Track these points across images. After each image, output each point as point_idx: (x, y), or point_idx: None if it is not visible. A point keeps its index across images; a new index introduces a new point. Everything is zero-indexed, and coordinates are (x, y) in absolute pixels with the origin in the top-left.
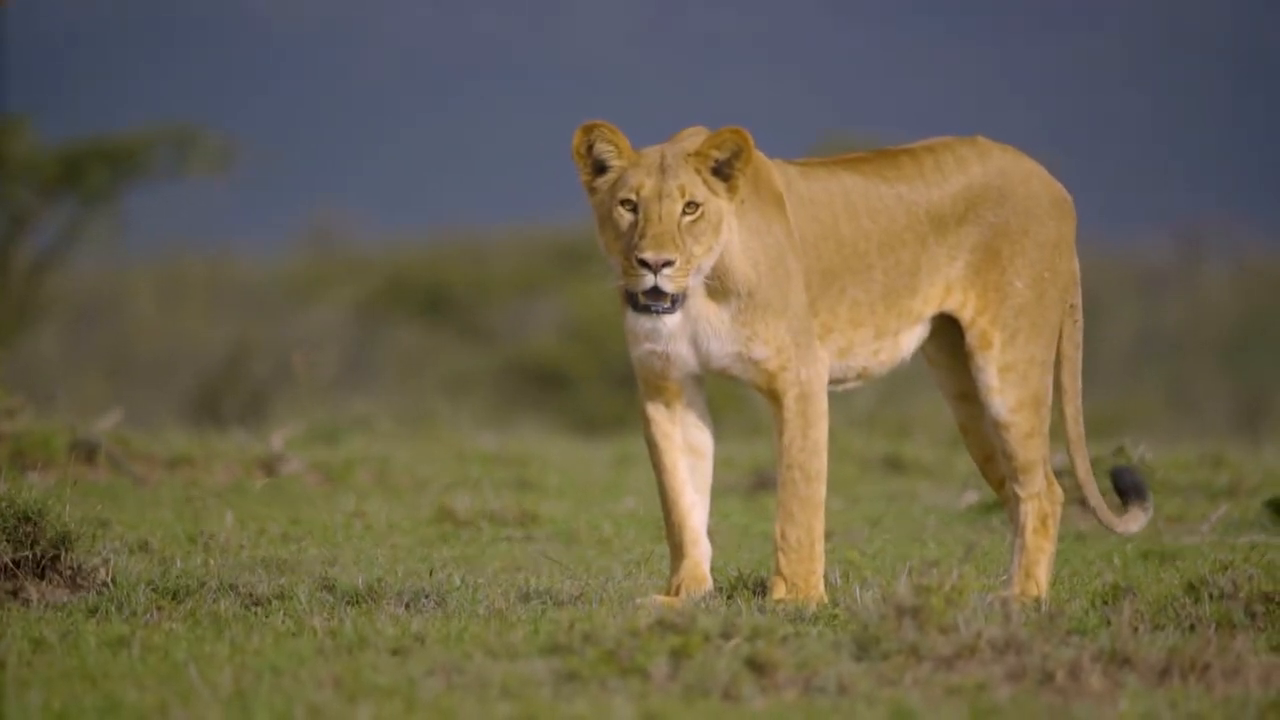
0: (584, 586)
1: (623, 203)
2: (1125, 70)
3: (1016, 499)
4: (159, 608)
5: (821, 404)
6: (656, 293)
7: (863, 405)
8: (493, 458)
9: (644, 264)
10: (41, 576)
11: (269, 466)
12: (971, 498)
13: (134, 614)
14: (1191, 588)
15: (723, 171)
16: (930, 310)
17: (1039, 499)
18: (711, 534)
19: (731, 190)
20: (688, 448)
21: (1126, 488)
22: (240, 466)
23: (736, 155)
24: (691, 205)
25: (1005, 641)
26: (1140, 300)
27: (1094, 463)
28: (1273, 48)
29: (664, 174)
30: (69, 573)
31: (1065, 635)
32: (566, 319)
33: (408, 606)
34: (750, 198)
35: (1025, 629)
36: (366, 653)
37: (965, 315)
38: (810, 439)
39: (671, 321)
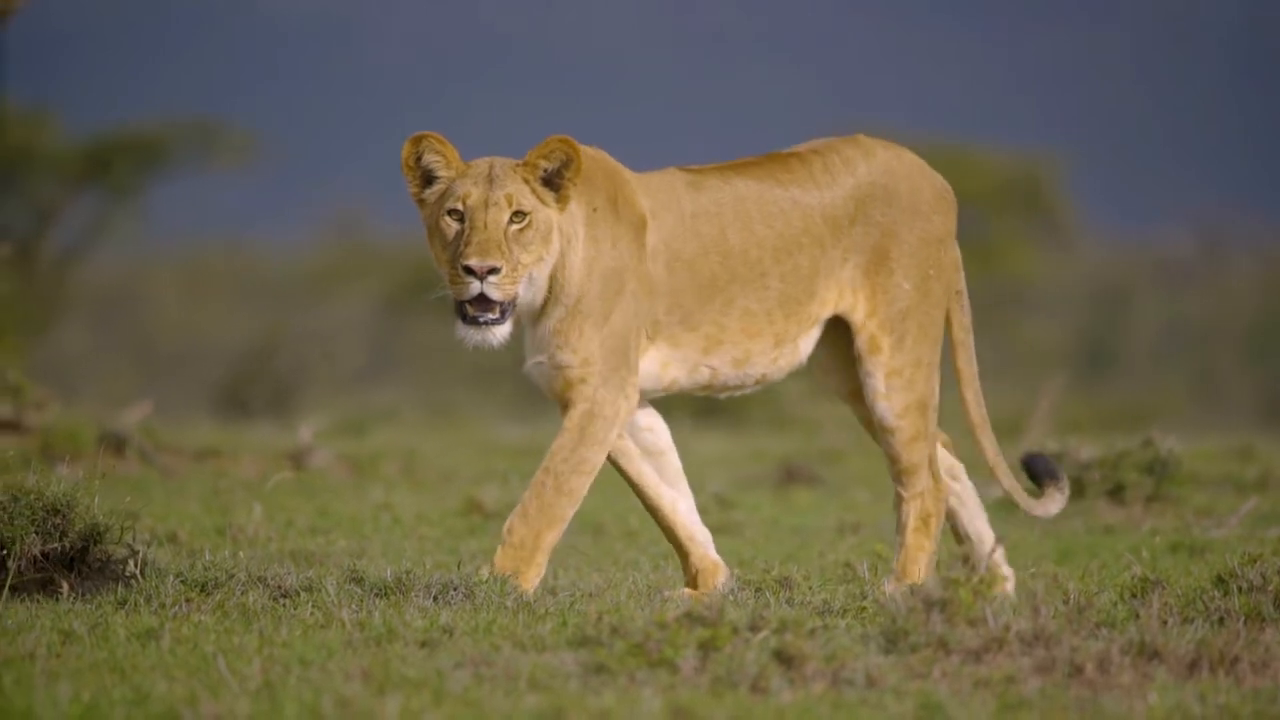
0: (611, 579)
1: (450, 212)
2: (1138, 63)
3: (899, 498)
4: (188, 600)
5: (605, 431)
6: (483, 301)
7: None
8: (519, 449)
9: (469, 271)
10: (71, 569)
11: (297, 458)
12: (998, 490)
13: (163, 606)
14: (1221, 581)
15: (553, 182)
16: (826, 313)
17: (921, 498)
18: (739, 526)
19: (561, 200)
20: (644, 453)
21: (1039, 472)
22: (268, 459)
23: (565, 165)
24: (519, 214)
25: (1034, 634)
26: (1164, 293)
27: (1122, 456)
28: None
29: (491, 183)
30: (98, 565)
31: (1094, 628)
32: None
33: (436, 599)
34: (604, 210)
35: (1054, 621)
36: (395, 645)
37: (856, 318)
38: (579, 456)
39: (500, 333)
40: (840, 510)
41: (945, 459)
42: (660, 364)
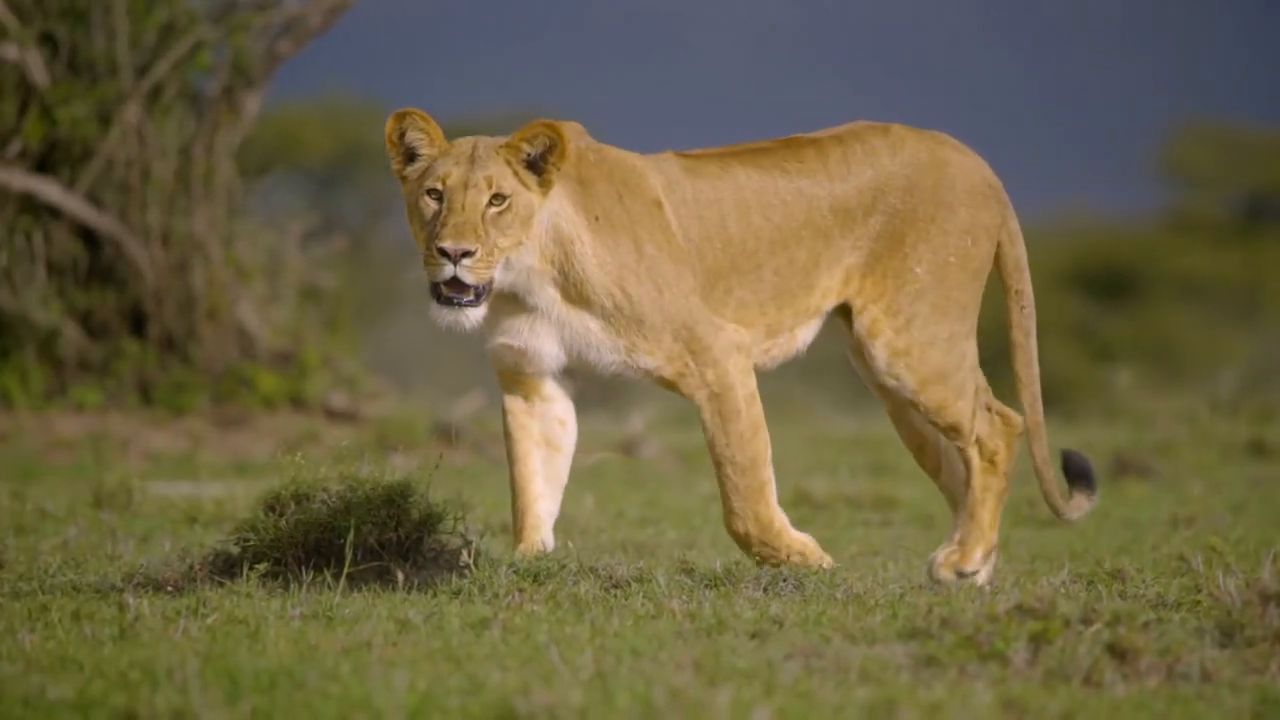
0: None
1: (429, 192)
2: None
3: (957, 450)
4: (520, 590)
5: (737, 395)
6: (457, 284)
7: (1225, 389)
8: (849, 442)
9: (443, 253)
10: (406, 558)
11: (627, 448)
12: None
13: (496, 596)
14: None
15: (536, 165)
16: (829, 303)
17: (979, 443)
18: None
19: (545, 185)
20: (543, 440)
21: (1074, 473)
22: (598, 449)
23: (549, 150)
24: (498, 197)
25: None
26: None
27: None
28: None
29: (472, 164)
30: (432, 554)
31: None
32: None
33: (766, 590)
34: (612, 214)
35: None
36: (725, 636)
37: (857, 302)
38: (732, 433)
39: (475, 315)
40: (1173, 503)
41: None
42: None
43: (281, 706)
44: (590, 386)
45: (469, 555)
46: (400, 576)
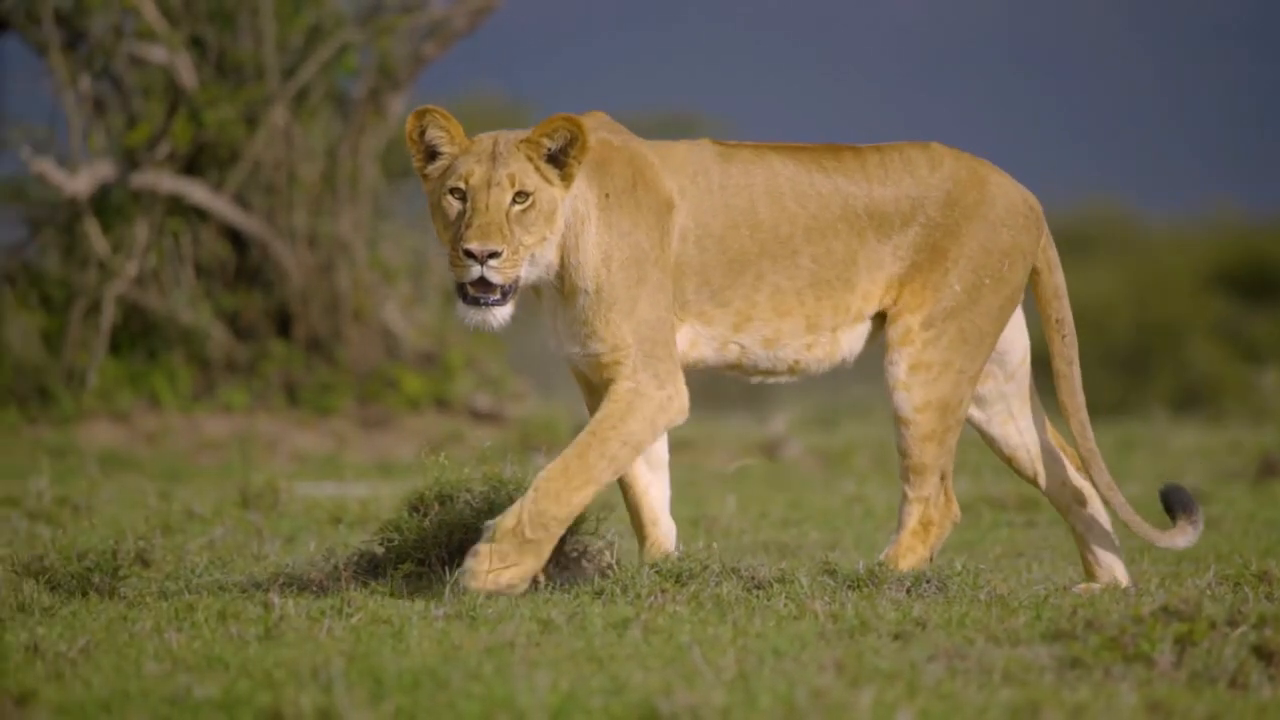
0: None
1: (452, 191)
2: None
3: (904, 497)
4: (663, 590)
5: (653, 413)
6: (484, 284)
7: None
8: None
9: (470, 255)
10: (549, 559)
11: (769, 450)
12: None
13: (638, 596)
14: None
15: (558, 160)
16: (871, 308)
17: (926, 503)
18: (1216, 520)
19: (566, 179)
20: None
21: (1174, 505)
22: (741, 450)
23: (570, 144)
24: (521, 195)
25: None
26: None
27: None
28: None
29: (494, 162)
30: (575, 555)
31: None
32: None
33: (909, 591)
34: (622, 196)
35: None
36: (868, 637)
37: (893, 309)
38: (627, 427)
39: (502, 314)
40: None
41: (1079, 484)
42: (689, 342)
43: (425, 706)
44: (731, 388)
45: (611, 555)
46: (543, 577)
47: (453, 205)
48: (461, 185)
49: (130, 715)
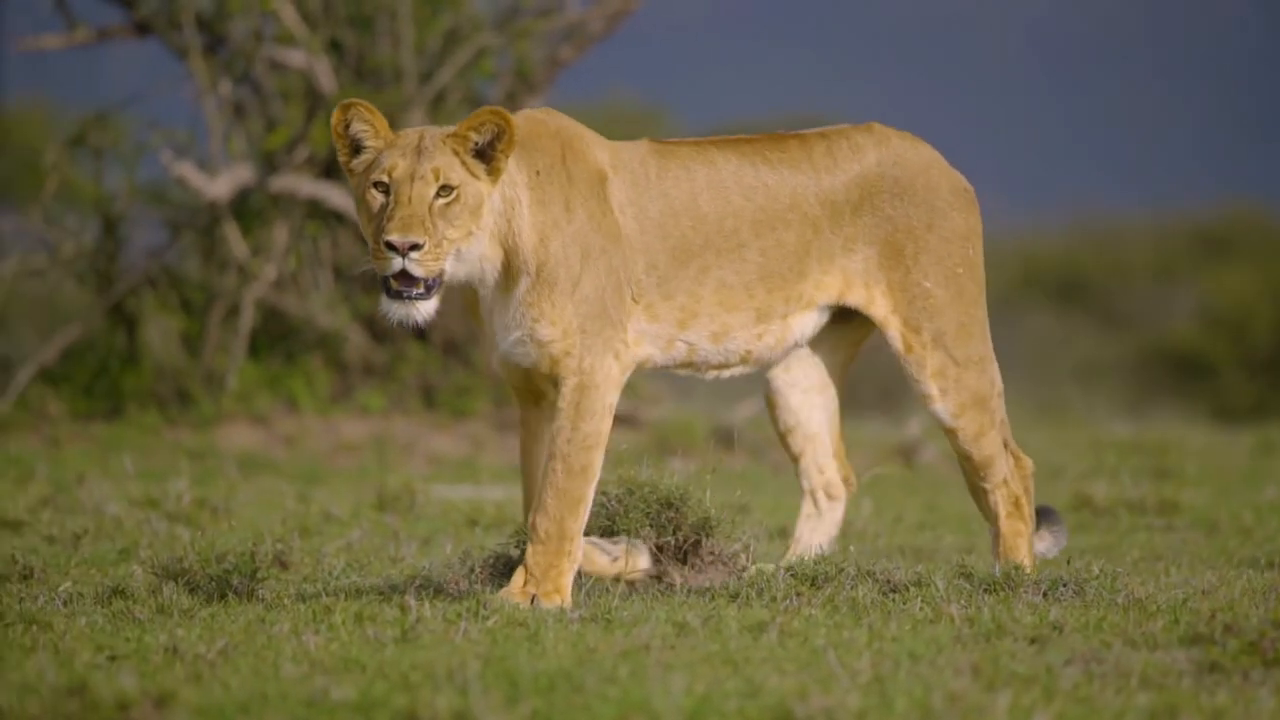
0: (1224, 576)
1: (375, 184)
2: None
3: (982, 491)
4: (798, 593)
5: (601, 399)
6: (407, 277)
7: None
8: (1129, 445)
9: (391, 247)
10: (684, 561)
11: (905, 454)
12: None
13: (773, 600)
14: None
15: (485, 154)
16: (825, 298)
17: (1005, 485)
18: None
19: (494, 173)
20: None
21: (1040, 517)
22: (877, 454)
23: (498, 137)
24: (446, 189)
25: None
26: None
27: None
28: None
29: (419, 156)
30: (710, 558)
31: None
32: (1205, 305)
33: (1045, 595)
34: (550, 172)
35: None
36: (1004, 641)
37: (876, 313)
38: (581, 432)
39: (426, 308)
40: None
41: (834, 478)
42: (634, 340)
43: (560, 709)
44: (867, 393)
45: (747, 559)
46: (678, 579)
47: (376, 198)
48: (385, 179)
49: (268, 717)
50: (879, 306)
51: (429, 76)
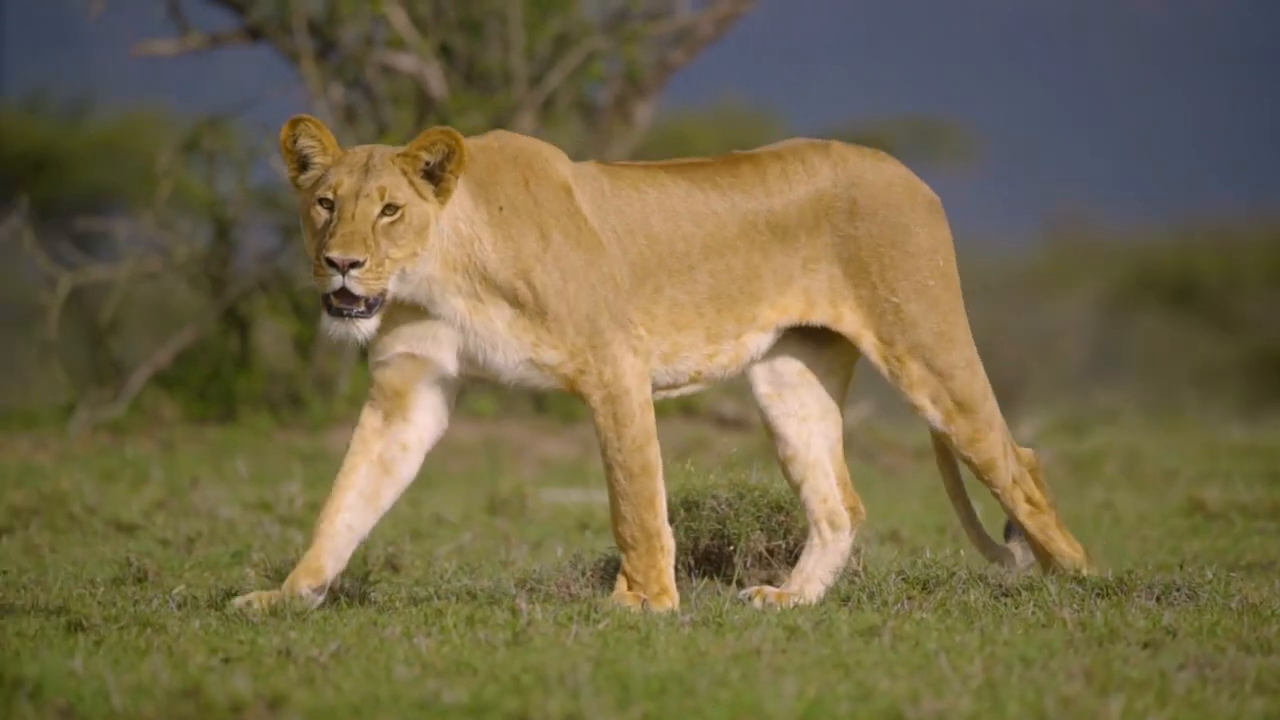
0: None
1: (320, 201)
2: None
3: (995, 495)
4: (909, 597)
5: (633, 400)
6: (347, 295)
7: None
8: (1244, 449)
9: (331, 263)
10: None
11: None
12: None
13: (885, 603)
14: None
15: (434, 174)
16: (784, 319)
17: (1016, 485)
18: None
19: (443, 194)
20: (380, 461)
21: (1011, 531)
22: None
23: (447, 158)
24: (391, 208)
25: None
26: None
27: None
28: None
29: (366, 174)
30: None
31: None
32: None
33: (1159, 599)
34: (515, 204)
35: None
36: (1117, 645)
37: (848, 329)
38: (625, 438)
39: (366, 327)
40: None
41: (837, 507)
42: None
43: (672, 712)
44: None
45: (858, 562)
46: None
47: (320, 215)
48: (330, 195)
49: (380, 719)
50: (849, 323)
51: (538, 81)
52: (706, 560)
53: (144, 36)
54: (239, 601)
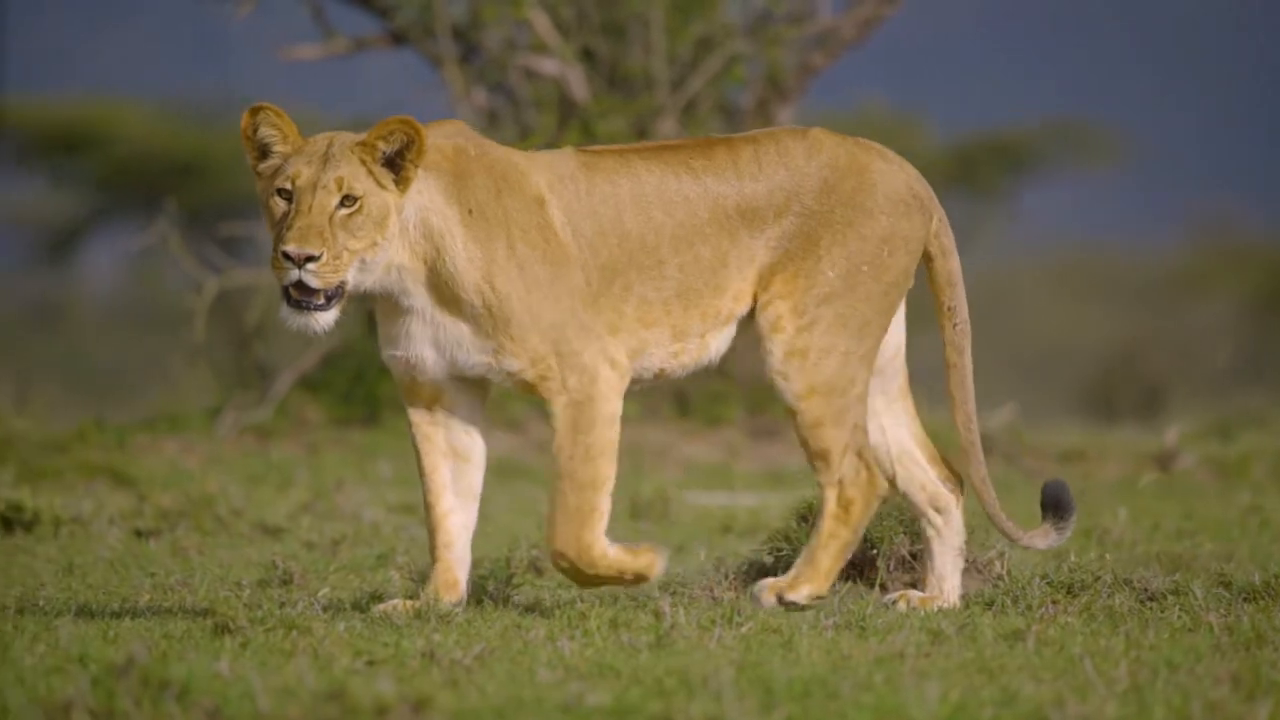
0: None
1: (279, 191)
2: None
3: (818, 485)
4: (1054, 601)
5: (599, 408)
6: (305, 288)
7: None
8: None
9: (287, 257)
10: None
11: (1162, 461)
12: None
13: (1029, 607)
14: None
15: (394, 163)
16: (742, 307)
17: (840, 485)
18: None
19: (402, 183)
20: (450, 451)
21: (1047, 504)
22: (1132, 461)
23: (406, 147)
24: (349, 199)
25: None
26: None
27: None
28: None
29: (324, 164)
30: (967, 566)
31: None
32: None
33: None
34: (487, 208)
35: None
36: (1264, 650)
37: (763, 297)
38: (579, 446)
39: (325, 319)
40: None
41: (936, 489)
42: None
43: (815, 715)
44: (1124, 399)
45: (1003, 565)
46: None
47: (279, 205)
48: (288, 186)
49: None
50: (773, 290)
51: (680, 84)
52: (850, 564)
53: (288, 41)
54: (382, 608)
